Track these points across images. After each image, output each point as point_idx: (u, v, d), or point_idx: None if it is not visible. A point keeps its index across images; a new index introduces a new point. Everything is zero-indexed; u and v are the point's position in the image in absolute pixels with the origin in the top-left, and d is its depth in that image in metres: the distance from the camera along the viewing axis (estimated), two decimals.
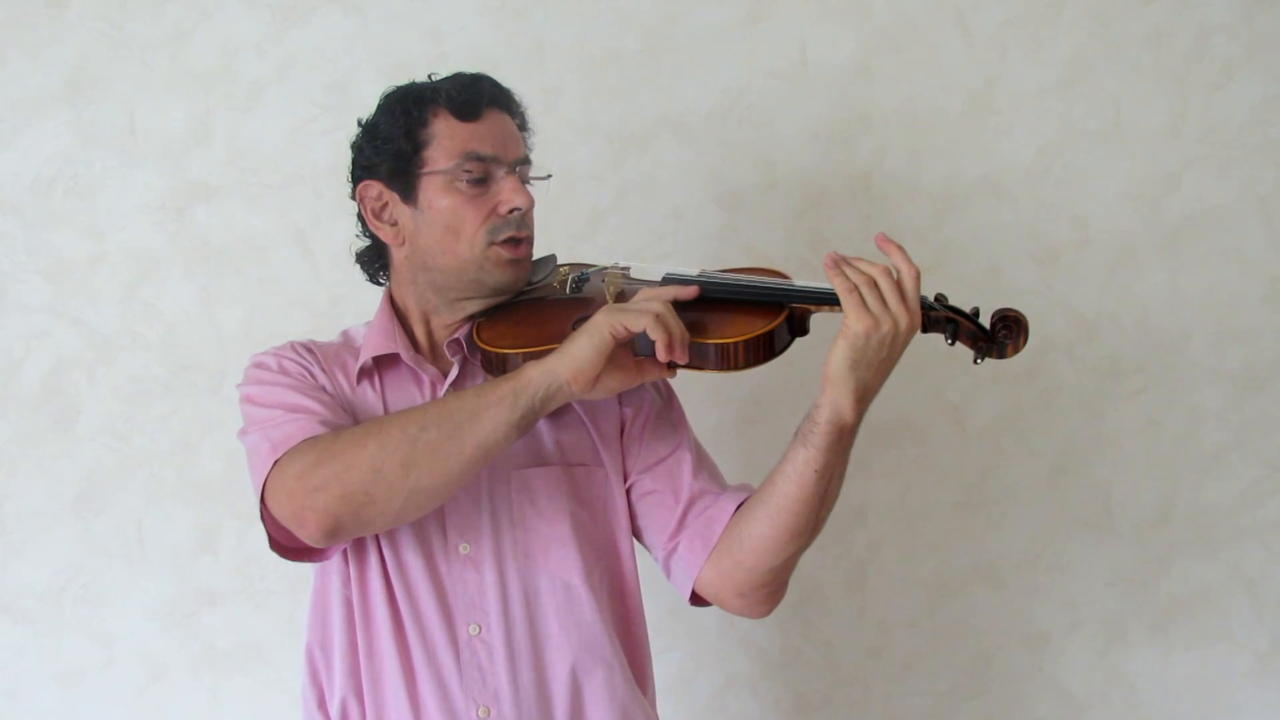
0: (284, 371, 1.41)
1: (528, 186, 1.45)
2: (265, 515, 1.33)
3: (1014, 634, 2.17)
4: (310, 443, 1.29)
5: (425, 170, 1.40)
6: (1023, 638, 2.17)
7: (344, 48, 2.01)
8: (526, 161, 1.46)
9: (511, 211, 1.40)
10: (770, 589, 1.41)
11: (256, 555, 1.98)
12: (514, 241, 1.41)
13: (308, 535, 1.29)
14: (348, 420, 1.38)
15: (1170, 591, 2.18)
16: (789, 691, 2.14)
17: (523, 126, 1.49)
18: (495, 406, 1.26)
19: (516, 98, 1.48)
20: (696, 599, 1.46)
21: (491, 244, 1.40)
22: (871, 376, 1.27)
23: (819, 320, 1.38)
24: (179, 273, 1.98)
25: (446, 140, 1.40)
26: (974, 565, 2.15)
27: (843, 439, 1.30)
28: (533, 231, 1.45)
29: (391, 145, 1.41)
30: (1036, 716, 2.18)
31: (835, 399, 1.27)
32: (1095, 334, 2.15)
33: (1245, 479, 2.18)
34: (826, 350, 1.28)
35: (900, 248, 1.29)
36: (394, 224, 1.44)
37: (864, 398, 1.28)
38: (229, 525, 1.99)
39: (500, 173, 1.41)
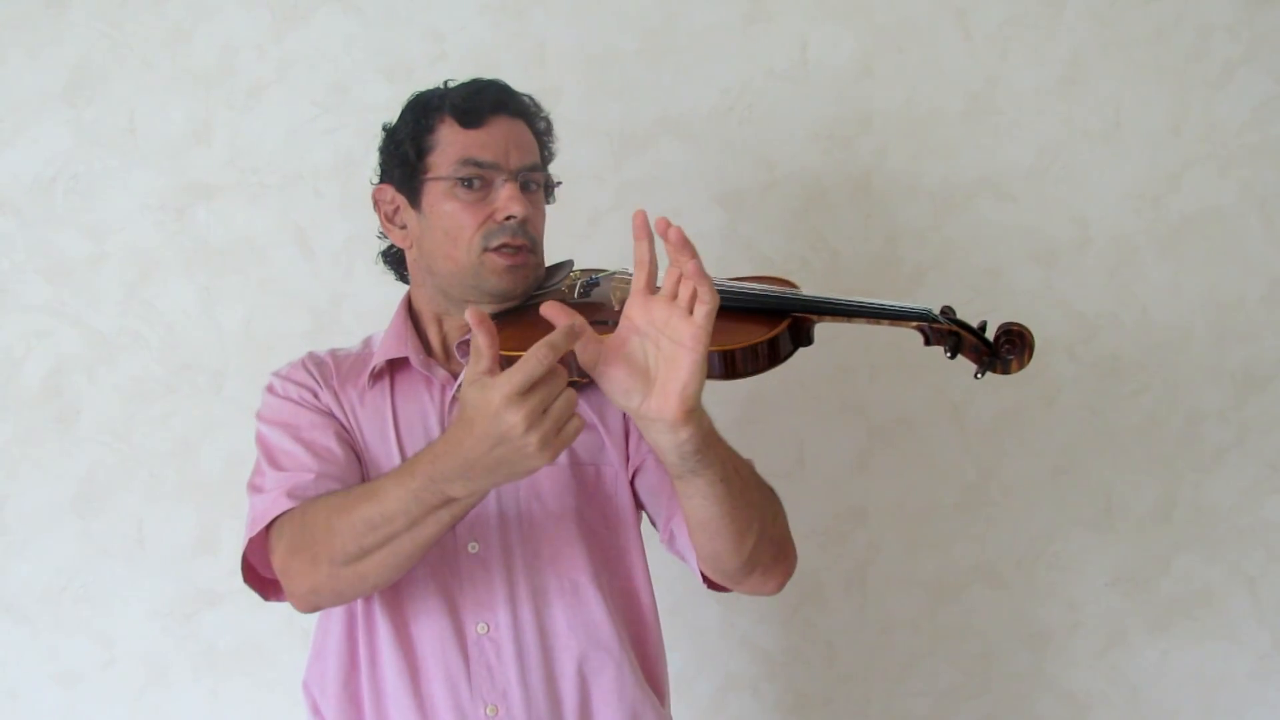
0: (286, 398, 1.44)
1: (547, 194, 1.47)
2: (248, 573, 1.38)
3: (1014, 634, 2.17)
4: (282, 525, 1.32)
5: (429, 176, 1.42)
6: (1023, 638, 2.17)
7: (344, 48, 2.01)
8: (535, 169, 1.45)
9: (507, 219, 1.40)
10: (763, 566, 1.35)
11: None
12: (510, 249, 1.41)
13: (296, 608, 1.34)
14: (334, 458, 1.38)
15: (1170, 591, 2.18)
16: (789, 691, 2.14)
17: (546, 131, 1.50)
18: (434, 524, 1.22)
19: (533, 104, 1.49)
20: (710, 583, 1.43)
21: (485, 250, 1.40)
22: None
23: (822, 329, 1.38)
24: (179, 273, 1.98)
25: (448, 147, 1.42)
26: (974, 565, 2.15)
27: (709, 443, 1.20)
28: (535, 239, 1.45)
29: (401, 151, 1.44)
30: (1036, 716, 2.18)
31: (696, 428, 1.17)
32: (1095, 334, 2.15)
33: (1245, 479, 2.18)
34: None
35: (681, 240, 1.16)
36: (404, 227, 1.47)
37: (699, 413, 1.19)
38: (229, 525, 1.99)
39: (500, 180, 1.41)
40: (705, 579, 1.42)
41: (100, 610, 1.98)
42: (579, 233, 2.02)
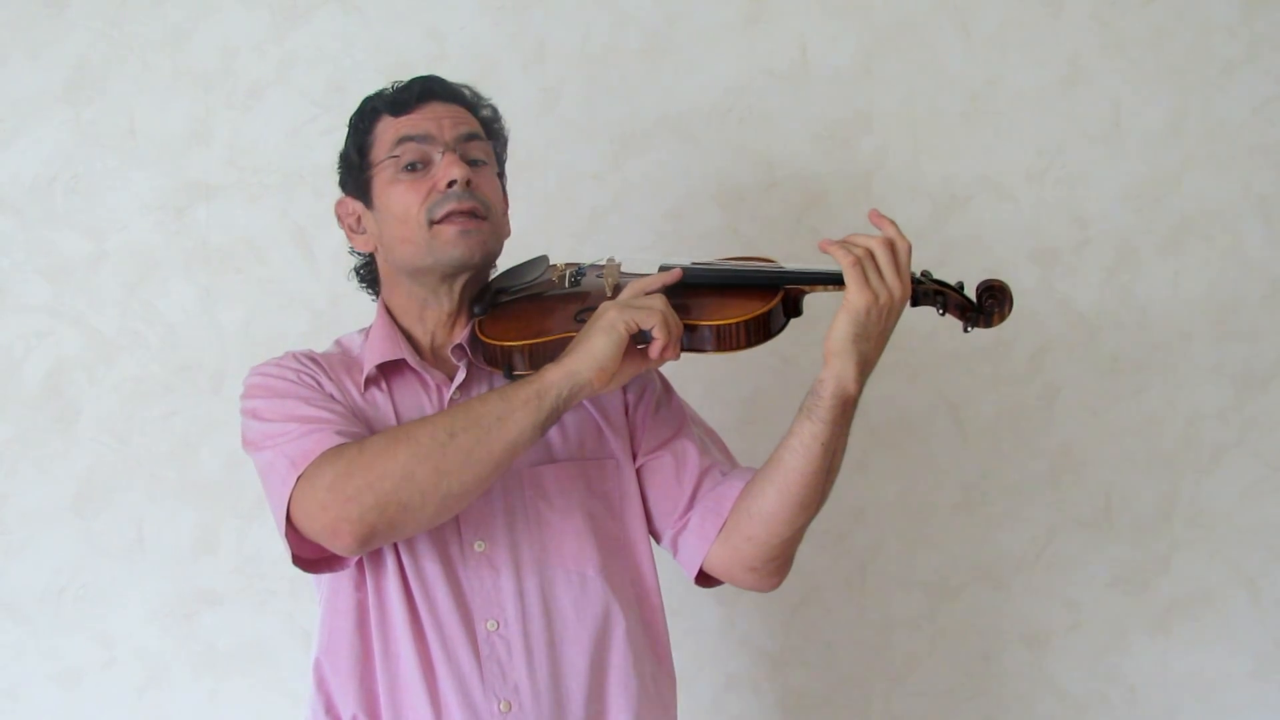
0: (291, 382, 1.41)
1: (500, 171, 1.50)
2: (289, 531, 1.33)
3: (1014, 634, 2.17)
4: (335, 453, 1.29)
5: (372, 170, 1.45)
6: (1023, 638, 2.17)
7: (344, 48, 2.00)
8: (472, 138, 1.47)
9: (450, 185, 1.41)
10: (779, 562, 1.44)
11: (256, 555, 1.98)
12: (459, 215, 1.41)
13: (342, 546, 1.29)
14: (362, 428, 1.38)
15: (1170, 591, 2.18)
16: (789, 691, 2.14)
17: (493, 119, 1.52)
18: (521, 409, 1.28)
19: (473, 94, 1.51)
20: (703, 579, 1.48)
21: (433, 223, 1.41)
22: (871, 348, 1.33)
23: (813, 302, 1.40)
24: (179, 273, 1.98)
25: (383, 136, 1.45)
26: (974, 565, 2.15)
27: (846, 411, 1.34)
28: (486, 202, 1.44)
29: (346, 158, 1.49)
30: (1036, 716, 2.18)
31: (839, 372, 1.31)
32: (1095, 334, 2.15)
33: (1245, 479, 2.18)
34: (824, 334, 1.31)
35: (893, 222, 1.34)
36: (365, 232, 1.49)
37: (865, 369, 1.33)
38: (229, 525, 1.99)
39: (437, 154, 1.43)
40: (699, 573, 1.48)
41: (100, 610, 1.98)
42: (579, 232, 2.02)
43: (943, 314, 1.38)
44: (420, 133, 1.43)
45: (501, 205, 1.50)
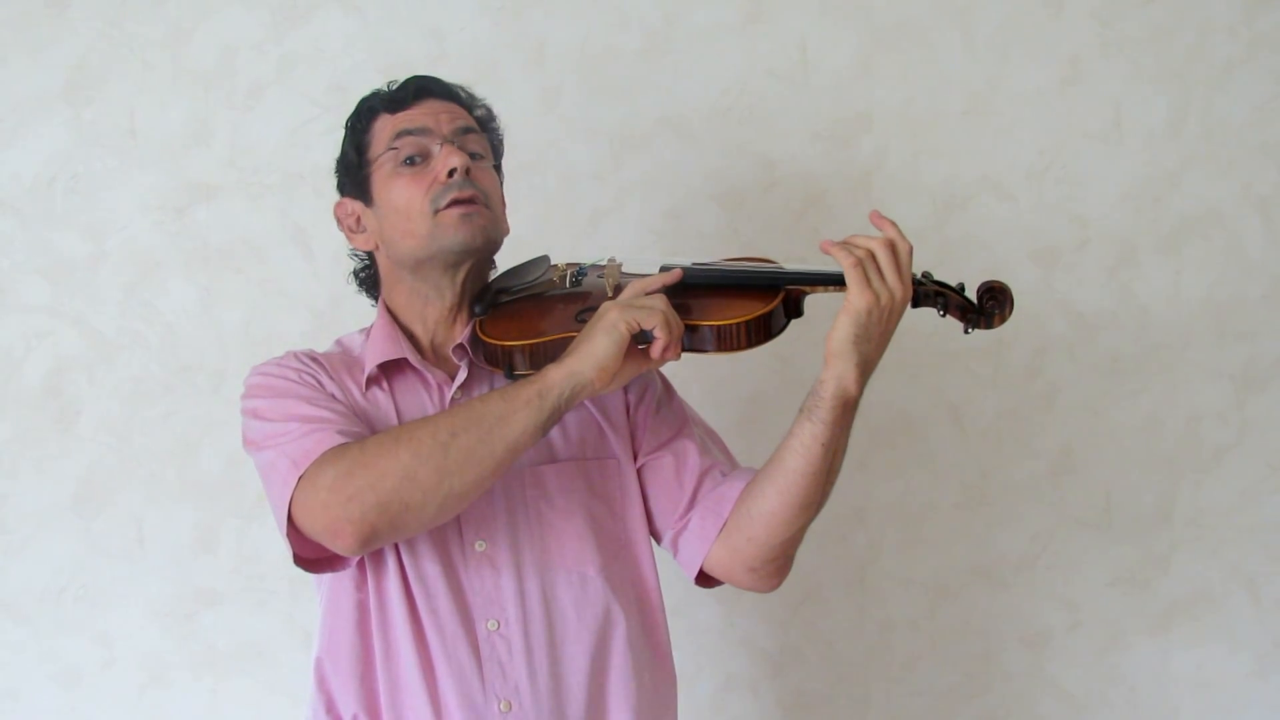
0: (292, 381, 1.41)
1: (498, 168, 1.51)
2: (290, 531, 1.33)
3: (1014, 634, 2.17)
4: (337, 453, 1.29)
5: (371, 167, 1.46)
6: (1023, 638, 2.17)
7: (344, 48, 2.01)
8: (469, 131, 1.48)
9: (450, 174, 1.42)
10: (780, 562, 1.45)
11: (256, 555, 1.98)
12: (460, 202, 1.42)
13: (343, 546, 1.29)
14: (363, 427, 1.38)
15: (1170, 591, 2.18)
16: (789, 691, 2.14)
17: (488, 119, 1.53)
18: (523, 409, 1.28)
19: (468, 94, 1.52)
20: (703, 579, 1.49)
21: (437, 211, 1.42)
22: (872, 350, 1.32)
23: (813, 303, 1.41)
24: (179, 273, 1.98)
25: (381, 133, 1.46)
26: (974, 565, 2.15)
27: (847, 412, 1.34)
28: (486, 191, 1.45)
29: (345, 158, 1.50)
30: (1036, 716, 2.18)
31: (840, 373, 1.31)
32: (1095, 334, 2.15)
33: (1245, 479, 2.18)
34: (824, 334, 1.32)
35: (894, 223, 1.34)
36: (365, 231, 1.49)
37: (866, 370, 1.33)
38: (229, 525, 1.99)
39: (436, 146, 1.44)
40: (699, 573, 1.48)
41: (100, 610, 1.98)
42: (579, 232, 2.02)
43: (943, 315, 1.39)
44: (418, 126, 1.44)
45: (500, 199, 1.51)
